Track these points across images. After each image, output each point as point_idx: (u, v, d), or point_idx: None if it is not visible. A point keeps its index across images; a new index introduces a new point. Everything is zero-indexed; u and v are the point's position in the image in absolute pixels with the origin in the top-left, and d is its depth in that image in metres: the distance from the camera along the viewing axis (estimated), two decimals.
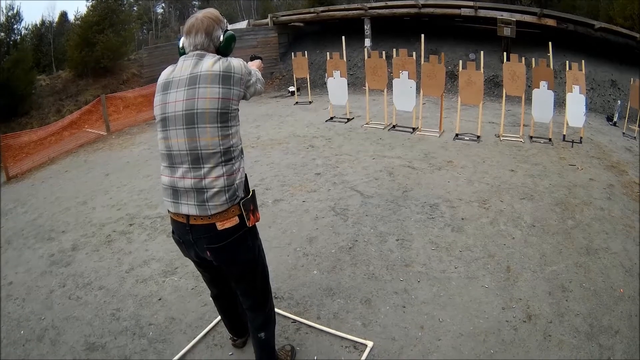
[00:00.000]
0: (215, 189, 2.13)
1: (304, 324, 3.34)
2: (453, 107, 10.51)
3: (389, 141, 8.06)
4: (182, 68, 2.20)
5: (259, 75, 2.48)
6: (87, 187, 6.16)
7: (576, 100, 8.08)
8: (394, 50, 8.81)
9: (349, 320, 3.40)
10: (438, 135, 8.53)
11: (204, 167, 2.12)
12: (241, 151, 2.29)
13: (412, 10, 14.61)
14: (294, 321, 3.38)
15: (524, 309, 3.62)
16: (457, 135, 8.42)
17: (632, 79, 10.00)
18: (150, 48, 16.93)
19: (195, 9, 42.79)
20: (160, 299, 3.73)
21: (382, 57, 9.12)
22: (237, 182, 2.21)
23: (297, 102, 12.43)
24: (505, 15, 12.83)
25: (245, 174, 2.34)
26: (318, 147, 8.00)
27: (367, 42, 14.97)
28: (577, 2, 18.07)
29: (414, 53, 8.58)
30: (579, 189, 6.05)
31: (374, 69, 9.12)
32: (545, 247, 4.56)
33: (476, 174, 6.50)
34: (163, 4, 42.05)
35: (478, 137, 8.30)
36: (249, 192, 2.34)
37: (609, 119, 11.15)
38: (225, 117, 2.13)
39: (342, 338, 3.20)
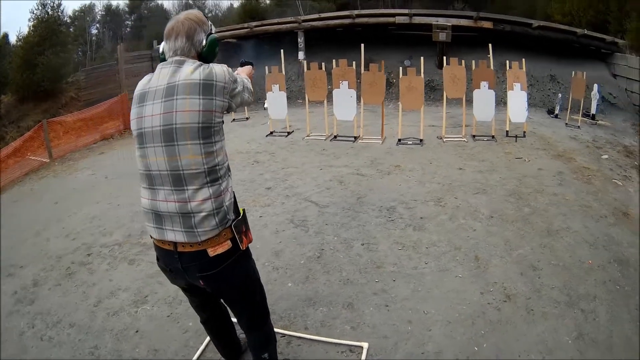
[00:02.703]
0: (203, 213, 2.05)
1: (294, 336, 3.44)
2: (392, 114, 11.14)
3: (332, 151, 8.39)
4: (159, 77, 2.10)
5: (248, 83, 2.39)
6: (39, 217, 5.99)
7: (517, 97, 8.94)
8: (334, 61, 9.29)
9: (337, 326, 3.56)
10: (380, 142, 8.98)
11: (187, 190, 2.04)
12: (228, 169, 2.21)
13: (346, 21, 15.35)
14: (283, 335, 3.45)
15: (501, 291, 4.01)
16: (399, 140, 8.92)
17: (573, 72, 11.09)
18: (87, 70, 16.58)
19: (128, 29, 42.60)
20: (137, 331, 3.70)
21: (321, 69, 9.52)
22: (226, 203, 2.14)
23: (234, 119, 12.52)
24: (441, 21, 13.83)
25: (234, 192, 2.29)
26: (263, 162, 8.21)
27: (301, 55, 15.41)
28: (512, 2, 19.58)
29: (354, 63, 9.09)
30: (530, 179, 6.70)
31: (314, 80, 9.49)
32: (507, 234, 5.04)
33: (425, 175, 6.96)
34: (97, 25, 41.55)
35: (421, 140, 8.86)
36: (239, 212, 2.28)
37: (550, 112, 12.35)
38: (207, 132, 2.03)
39: (336, 344, 3.35)
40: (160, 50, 2.26)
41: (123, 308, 4.00)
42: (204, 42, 2.20)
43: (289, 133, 10.03)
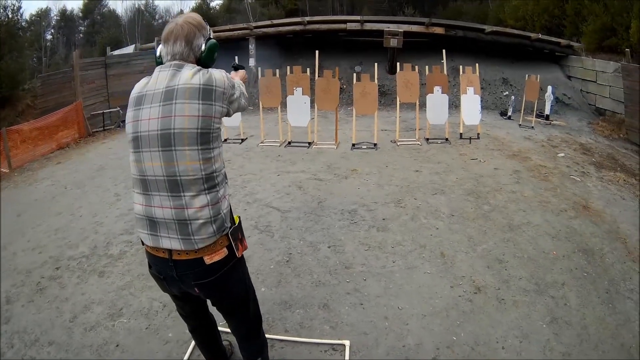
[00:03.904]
0: (200, 221, 2.06)
1: (276, 339, 3.48)
2: (343, 119, 11.33)
3: (288, 157, 8.45)
4: (157, 80, 2.09)
5: (243, 88, 2.42)
6: (2, 230, 5.79)
7: (471, 101, 9.28)
8: (288, 67, 9.35)
9: (316, 327, 3.65)
10: (335, 147, 9.10)
11: (184, 196, 2.04)
12: (225, 176, 2.23)
13: (298, 27, 15.42)
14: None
15: (471, 284, 4.21)
16: (354, 145, 9.06)
17: (527, 74, 11.63)
18: (43, 77, 15.93)
19: (81, 35, 41.92)
20: (117, 345, 3.59)
21: (275, 75, 9.57)
22: (223, 211, 2.16)
23: None
24: (392, 27, 14.08)
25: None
26: None
27: (252, 61, 15.35)
28: (464, 8, 20.29)
29: (308, 70, 9.19)
30: (487, 178, 7.00)
31: (268, 87, 9.51)
32: (469, 231, 5.28)
33: (383, 178, 7.14)
34: (52, 30, 40.63)
35: (375, 144, 9.03)
36: (234, 220, 2.30)
37: (503, 113, 12.87)
38: (206, 138, 2.04)
39: (318, 344, 3.44)
40: (157, 53, 2.24)
41: (99, 322, 3.90)
42: (203, 47, 2.21)
43: (243, 140, 10.02)
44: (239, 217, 2.34)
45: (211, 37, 2.29)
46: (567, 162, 8.06)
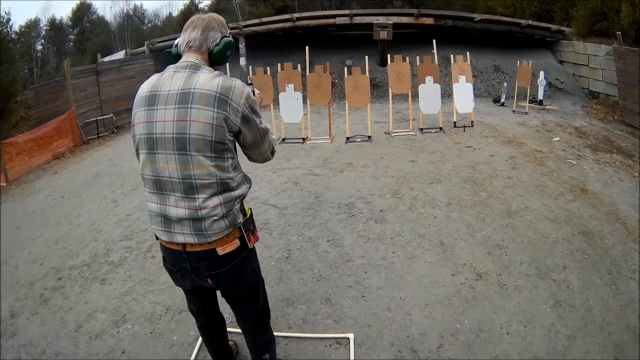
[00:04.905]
0: (214, 217, 2.08)
1: (281, 336, 3.45)
2: (336, 114, 11.29)
3: (283, 154, 8.39)
4: (171, 80, 2.06)
5: (272, 138, 2.36)
6: (3, 244, 5.74)
7: (463, 89, 9.31)
8: (279, 65, 9.37)
9: (320, 321, 3.62)
10: (329, 141, 9.06)
11: (198, 198, 2.04)
12: (243, 180, 2.25)
13: (287, 25, 15.39)
14: None
15: (472, 271, 4.17)
16: (348, 138, 9.02)
17: (518, 61, 11.65)
18: (36, 87, 15.90)
19: (71, 43, 42.11)
20: (123, 352, 3.56)
21: (267, 74, 9.58)
22: (235, 207, 2.17)
23: None
24: (382, 20, 14.04)
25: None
26: None
27: (242, 60, 15.27)
28: None
29: (299, 65, 9.20)
30: (482, 165, 6.97)
31: (260, 85, 9.38)
32: (467, 218, 5.24)
33: (379, 170, 7.09)
34: (42, 40, 40.60)
35: (369, 137, 9.00)
36: (246, 212, 2.31)
37: (496, 100, 12.85)
38: (220, 147, 2.03)
39: (323, 338, 3.42)
40: (176, 42, 2.26)
41: (104, 330, 3.86)
42: (218, 40, 2.20)
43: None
44: (250, 209, 2.35)
45: (229, 37, 2.28)
46: (563, 146, 8.03)
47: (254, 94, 2.45)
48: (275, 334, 3.30)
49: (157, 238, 2.27)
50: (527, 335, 3.30)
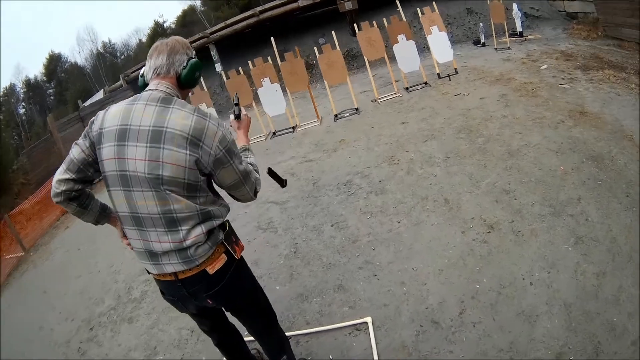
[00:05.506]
0: (198, 244, 2.03)
1: (300, 335, 3.39)
2: (321, 94, 11.01)
3: (276, 148, 8.21)
4: (142, 115, 1.95)
5: (255, 176, 2.28)
6: (35, 312, 5.87)
7: (438, 39, 8.94)
8: (249, 62, 9.19)
9: (336, 311, 3.49)
10: (318, 123, 8.83)
11: (182, 230, 1.99)
12: (224, 209, 2.19)
13: (252, 20, 15.16)
14: (289, 337, 3.37)
15: (482, 224, 3.89)
16: (336, 116, 8.76)
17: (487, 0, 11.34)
18: (28, 151, 16.05)
19: (51, 97, 42.46)
20: None
21: (240, 74, 9.44)
22: (215, 228, 2.11)
23: None
24: None
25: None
26: None
27: (218, 67, 15.19)
28: None
29: (269, 58, 9.02)
30: (474, 110, 6.63)
31: (238, 87, 9.38)
32: (468, 169, 4.96)
33: (371, 140, 6.83)
34: (23, 103, 41.28)
35: (356, 109, 8.74)
36: (225, 226, 2.24)
37: (476, 42, 12.46)
38: (193, 188, 1.97)
39: (341, 328, 3.30)
40: (141, 71, 2.16)
41: None
42: (185, 63, 2.10)
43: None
44: (228, 222, 2.27)
45: (195, 58, 2.17)
46: (552, 73, 7.66)
47: (239, 117, 2.53)
48: (294, 333, 3.41)
49: (148, 272, 2.20)
50: (552, 281, 3.05)
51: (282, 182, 2.71)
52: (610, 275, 2.96)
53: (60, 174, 2.07)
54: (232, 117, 2.54)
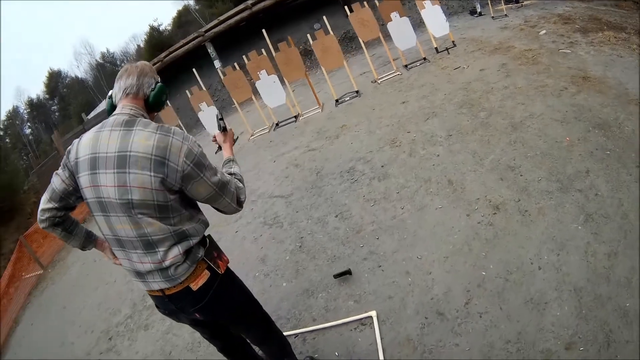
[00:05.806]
0: (176, 264, 2.05)
1: (306, 332, 3.37)
2: (321, 80, 10.80)
3: (280, 139, 8.13)
4: (108, 141, 1.96)
5: (237, 185, 2.24)
6: (56, 328, 5.99)
7: (432, 12, 8.71)
8: (244, 56, 9.09)
9: (341, 305, 3.44)
10: (320, 110, 8.71)
11: (159, 251, 2.01)
12: (201, 226, 2.16)
13: (245, 14, 15.07)
14: (296, 335, 3.39)
15: (487, 205, 3.74)
16: (337, 100, 8.62)
17: None
18: (37, 171, 16.25)
19: (56, 114, 42.78)
20: None
21: (236, 69, 9.36)
22: (193, 247, 2.11)
23: None
24: None
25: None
26: None
27: (217, 63, 15.16)
28: None
29: (263, 50, 8.89)
30: (475, 83, 6.42)
31: (235, 82, 9.36)
32: (471, 146, 4.78)
33: (372, 123, 6.68)
34: (28, 124, 41.95)
35: (357, 92, 8.60)
36: (206, 242, 2.23)
37: (473, 12, 12.21)
38: (164, 209, 1.97)
39: (347, 323, 3.25)
40: (109, 93, 2.17)
41: None
42: (154, 85, 2.13)
43: (234, 140, 9.75)
44: (209, 237, 2.26)
45: (160, 82, 2.20)
46: (552, 38, 7.41)
47: (225, 130, 2.67)
48: (300, 331, 3.41)
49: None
50: (562, 264, 2.89)
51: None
52: (622, 255, 2.79)
53: (44, 203, 2.16)
54: (216, 131, 2.66)
